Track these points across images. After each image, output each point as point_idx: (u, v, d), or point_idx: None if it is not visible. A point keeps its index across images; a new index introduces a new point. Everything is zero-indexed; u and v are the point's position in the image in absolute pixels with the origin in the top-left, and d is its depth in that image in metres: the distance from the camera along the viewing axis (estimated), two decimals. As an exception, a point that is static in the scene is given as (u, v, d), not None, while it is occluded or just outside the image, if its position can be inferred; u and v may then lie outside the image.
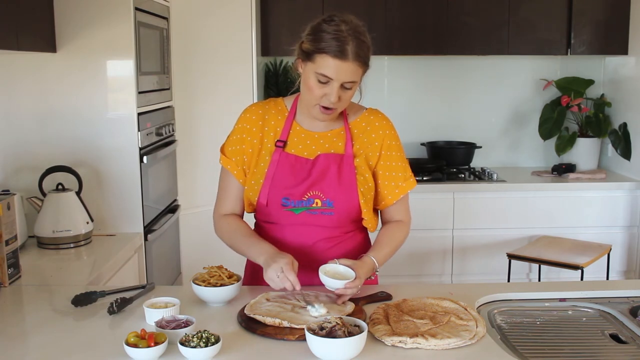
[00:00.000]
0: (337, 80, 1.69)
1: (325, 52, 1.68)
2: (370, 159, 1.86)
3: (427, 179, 4.06)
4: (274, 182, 1.80)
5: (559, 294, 1.85)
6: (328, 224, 1.82)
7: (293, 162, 1.81)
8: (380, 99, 4.38)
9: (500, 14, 4.07)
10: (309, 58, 1.71)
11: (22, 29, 2.28)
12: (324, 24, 1.73)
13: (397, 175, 1.88)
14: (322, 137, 1.84)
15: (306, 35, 1.74)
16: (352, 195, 1.81)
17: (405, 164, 1.91)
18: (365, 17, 4.41)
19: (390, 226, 1.92)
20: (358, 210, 1.83)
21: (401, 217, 1.94)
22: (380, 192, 1.88)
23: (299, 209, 1.80)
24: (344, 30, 1.69)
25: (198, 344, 1.37)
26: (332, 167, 1.80)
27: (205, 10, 3.49)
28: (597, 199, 3.99)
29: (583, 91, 4.30)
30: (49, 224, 2.42)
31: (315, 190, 1.79)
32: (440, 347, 1.44)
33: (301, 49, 1.74)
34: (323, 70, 1.69)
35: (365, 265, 1.73)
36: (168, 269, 3.14)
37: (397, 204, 1.91)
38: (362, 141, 1.85)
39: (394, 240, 1.90)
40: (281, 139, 1.84)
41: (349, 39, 1.68)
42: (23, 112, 2.61)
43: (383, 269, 1.85)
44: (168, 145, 3.05)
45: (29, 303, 1.86)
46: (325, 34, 1.69)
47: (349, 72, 1.69)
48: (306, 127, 1.86)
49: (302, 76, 1.77)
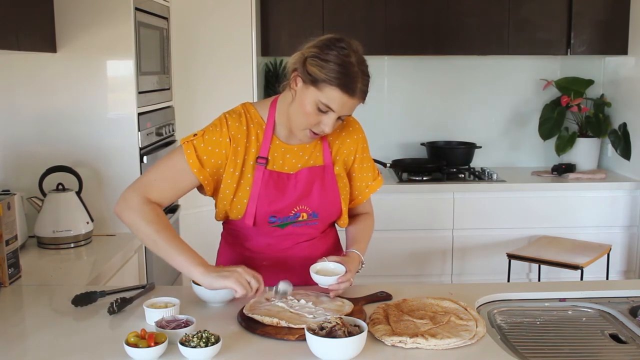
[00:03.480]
0: (338, 112, 1.67)
1: (336, 85, 1.62)
2: (346, 163, 1.89)
3: (427, 179, 4.06)
4: (260, 202, 1.77)
5: (559, 294, 1.86)
6: (311, 232, 1.87)
7: (276, 179, 1.78)
8: (380, 99, 4.38)
9: (500, 14, 4.07)
10: (314, 84, 1.64)
11: (22, 29, 2.28)
12: (334, 49, 1.64)
13: (368, 175, 1.93)
14: (301, 149, 1.82)
15: (312, 55, 1.65)
16: (336, 204, 1.85)
17: (373, 164, 1.96)
18: (365, 17, 4.44)
19: (360, 219, 1.97)
20: (340, 215, 1.88)
21: (367, 210, 2.01)
22: (352, 193, 1.92)
23: (285, 224, 1.82)
24: (355, 63, 1.64)
25: (198, 344, 1.37)
26: (316, 181, 1.81)
27: (205, 10, 3.50)
28: (597, 199, 3.99)
29: (583, 91, 4.30)
30: (49, 224, 2.43)
31: (301, 205, 1.80)
32: (440, 347, 1.44)
33: (306, 71, 1.65)
34: (328, 101, 1.65)
35: (353, 260, 1.79)
36: (168, 269, 3.13)
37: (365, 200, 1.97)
38: (337, 147, 1.87)
39: (368, 232, 1.96)
40: (262, 155, 1.78)
41: (359, 75, 1.64)
42: (23, 112, 2.61)
43: (383, 269, 1.85)
44: (168, 145, 3.05)
45: (29, 303, 1.86)
46: (337, 65, 1.62)
47: (352, 107, 1.69)
48: (284, 140, 1.81)
49: (297, 96, 1.69)
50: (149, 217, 1.69)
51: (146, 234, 1.70)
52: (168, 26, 3.16)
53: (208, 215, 2.08)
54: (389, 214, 3.82)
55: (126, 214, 1.71)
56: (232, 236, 1.91)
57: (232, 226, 1.88)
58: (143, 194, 1.73)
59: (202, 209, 3.22)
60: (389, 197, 3.85)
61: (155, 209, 1.72)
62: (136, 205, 1.71)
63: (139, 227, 1.70)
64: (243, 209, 1.79)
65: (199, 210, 3.32)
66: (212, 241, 2.11)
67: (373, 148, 2.01)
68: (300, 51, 1.69)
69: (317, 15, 3.97)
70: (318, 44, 1.67)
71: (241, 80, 3.61)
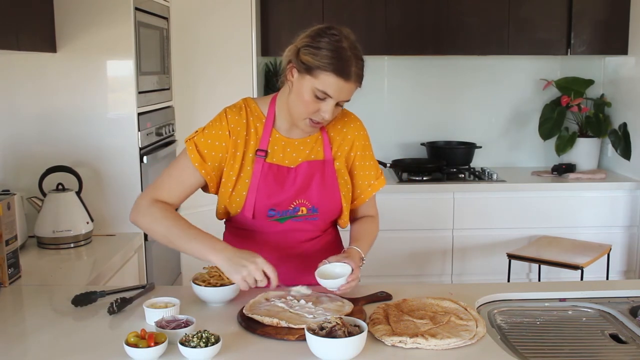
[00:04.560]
0: (335, 98, 1.68)
1: (330, 71, 1.64)
2: (347, 160, 1.89)
3: (427, 179, 4.06)
4: (259, 195, 1.78)
5: (559, 294, 1.85)
6: (311, 228, 1.87)
7: (276, 172, 1.79)
8: (380, 99, 4.38)
9: (500, 14, 4.07)
10: (309, 72, 1.66)
11: (22, 29, 2.28)
12: (325, 37, 1.67)
13: (370, 174, 1.93)
14: (302, 143, 1.83)
15: (305, 45, 1.67)
16: (335, 199, 1.84)
17: (376, 163, 1.96)
18: (365, 17, 4.43)
19: (363, 221, 1.96)
20: (340, 212, 1.88)
21: (371, 212, 1.99)
22: (354, 192, 1.92)
23: (284, 218, 1.82)
24: (347, 48, 1.66)
25: (198, 344, 1.37)
26: (316, 175, 1.81)
27: (205, 10, 3.49)
28: (597, 199, 3.99)
29: (583, 91, 4.30)
30: (49, 224, 2.43)
31: (300, 199, 1.80)
32: (440, 347, 1.44)
33: (300, 60, 1.67)
34: (324, 87, 1.66)
35: (354, 257, 1.77)
36: (168, 269, 3.14)
37: (368, 200, 1.95)
38: (339, 143, 1.87)
39: (371, 233, 1.94)
40: (262, 148, 1.79)
41: (352, 58, 1.66)
42: (23, 112, 2.61)
43: (383, 269, 1.86)
44: (168, 145, 3.05)
45: (29, 303, 1.86)
46: (329, 51, 1.65)
47: (349, 91, 1.70)
48: (285, 133, 1.82)
49: (294, 87, 1.71)
50: (159, 216, 1.73)
51: (159, 232, 1.73)
52: (168, 26, 3.16)
53: (208, 215, 2.08)
54: (388, 214, 3.79)
55: (139, 218, 1.76)
56: (234, 235, 1.91)
57: (233, 224, 1.89)
58: (151, 197, 1.77)
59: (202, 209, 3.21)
60: (389, 197, 3.85)
61: (164, 207, 1.75)
62: (145, 207, 1.75)
63: (152, 226, 1.74)
64: (242, 202, 1.79)
65: (199, 210, 3.32)
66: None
67: (373, 148, 2.01)
68: (293, 44, 1.72)
69: (317, 15, 3.97)
70: (310, 33, 1.70)
71: (241, 80, 3.61)
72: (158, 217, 1.73)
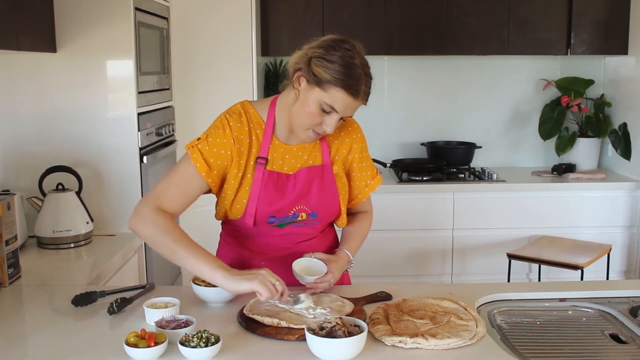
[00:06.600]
0: (341, 113, 1.68)
1: (340, 87, 1.63)
2: (345, 162, 1.89)
3: (427, 179, 4.06)
4: (260, 203, 1.77)
5: (559, 294, 1.86)
6: (310, 231, 1.87)
7: (276, 180, 1.78)
8: (380, 99, 4.38)
9: (500, 14, 4.07)
10: (319, 84, 1.64)
11: (22, 29, 2.28)
12: (338, 50, 1.65)
13: (367, 174, 1.94)
14: (301, 149, 1.82)
15: (317, 56, 1.65)
16: (334, 204, 1.85)
17: (372, 163, 1.97)
18: (365, 17, 4.44)
19: (357, 218, 1.98)
20: (339, 215, 1.89)
21: (366, 208, 2.01)
22: (351, 192, 1.92)
23: (284, 224, 1.82)
24: (359, 65, 1.65)
25: (198, 344, 1.37)
26: (315, 180, 1.81)
27: (205, 10, 3.49)
28: (597, 199, 3.99)
29: (583, 91, 4.30)
30: (49, 224, 2.43)
31: (300, 205, 1.80)
32: (440, 347, 1.44)
33: (311, 71, 1.65)
34: (332, 102, 1.65)
35: (340, 260, 1.81)
36: (168, 269, 3.14)
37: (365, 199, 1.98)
38: (337, 147, 1.87)
39: (362, 231, 1.97)
40: (262, 155, 1.78)
41: (362, 77, 1.65)
42: (23, 112, 2.61)
43: (383, 269, 1.86)
44: (168, 145, 3.05)
45: (29, 303, 1.86)
46: (342, 67, 1.63)
47: (355, 108, 1.70)
48: (284, 140, 1.81)
49: (300, 96, 1.69)
50: (163, 226, 1.67)
51: (164, 243, 1.67)
52: (168, 26, 3.16)
53: (208, 215, 2.08)
54: (388, 214, 3.82)
55: (140, 225, 1.70)
56: (231, 236, 1.91)
57: (231, 226, 1.89)
58: (154, 204, 1.71)
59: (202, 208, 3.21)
60: (389, 197, 3.85)
61: (168, 218, 1.70)
62: (148, 215, 1.69)
63: (155, 236, 1.68)
64: (242, 209, 1.79)
65: (199, 210, 3.31)
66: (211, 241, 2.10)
67: (373, 148, 2.02)
68: (302, 51, 1.69)
69: (317, 15, 3.97)
70: (322, 44, 1.67)
71: (241, 80, 3.61)
72: (163, 228, 1.67)
